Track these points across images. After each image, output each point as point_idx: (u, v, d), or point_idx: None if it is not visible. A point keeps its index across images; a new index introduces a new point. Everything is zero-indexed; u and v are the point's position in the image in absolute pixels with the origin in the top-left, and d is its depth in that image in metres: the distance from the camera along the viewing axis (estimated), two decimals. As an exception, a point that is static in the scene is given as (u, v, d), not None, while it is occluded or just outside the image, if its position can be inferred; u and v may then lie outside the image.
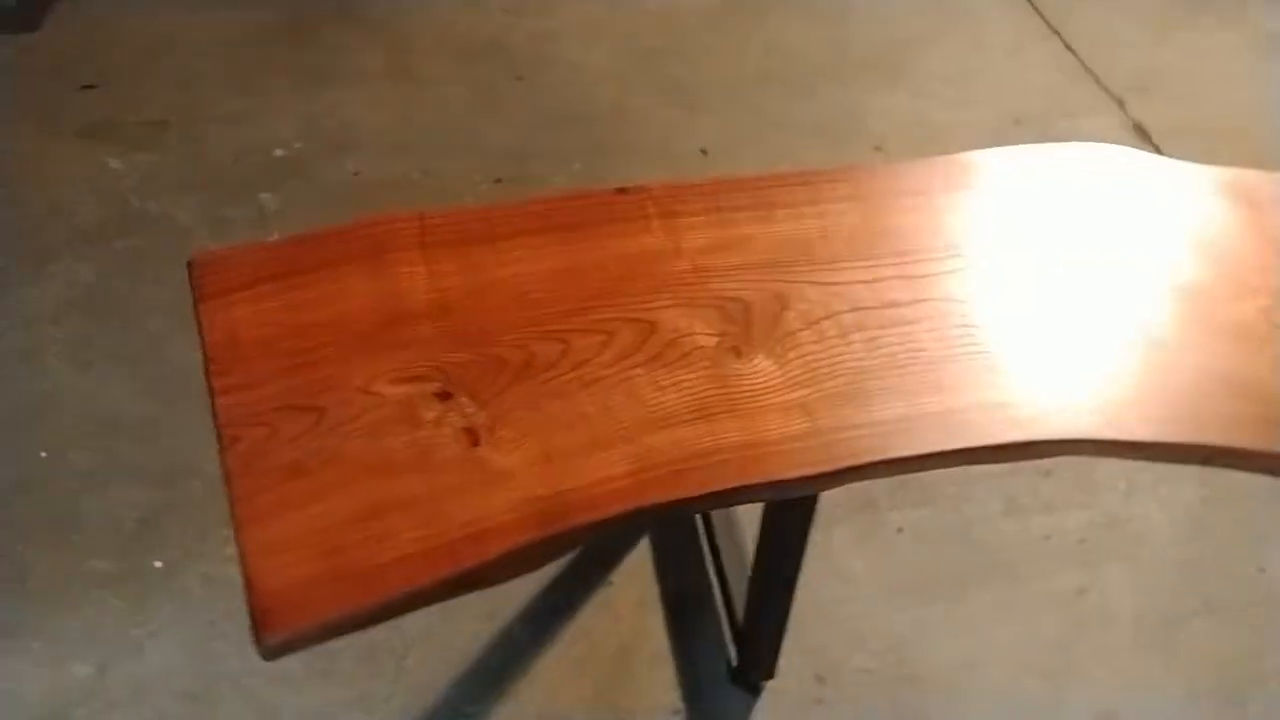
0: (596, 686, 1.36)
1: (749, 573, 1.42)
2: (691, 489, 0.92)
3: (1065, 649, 1.46)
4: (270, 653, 0.81)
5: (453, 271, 1.10)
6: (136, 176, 2.07)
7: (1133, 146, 1.33)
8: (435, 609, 0.88)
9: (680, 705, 1.35)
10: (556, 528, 0.89)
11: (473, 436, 0.95)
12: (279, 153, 2.13)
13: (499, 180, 2.10)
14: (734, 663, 1.38)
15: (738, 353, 1.04)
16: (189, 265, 1.09)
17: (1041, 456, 1.01)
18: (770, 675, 1.34)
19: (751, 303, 1.09)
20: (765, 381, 1.01)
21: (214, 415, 0.96)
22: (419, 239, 1.13)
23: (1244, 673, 1.44)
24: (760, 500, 0.97)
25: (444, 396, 0.98)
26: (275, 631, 0.81)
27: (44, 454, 1.60)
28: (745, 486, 0.93)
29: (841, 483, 0.96)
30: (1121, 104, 2.45)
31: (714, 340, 1.05)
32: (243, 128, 2.18)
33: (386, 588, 0.84)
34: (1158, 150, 2.32)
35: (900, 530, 1.58)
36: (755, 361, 1.03)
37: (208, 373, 0.99)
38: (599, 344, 1.04)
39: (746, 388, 1.01)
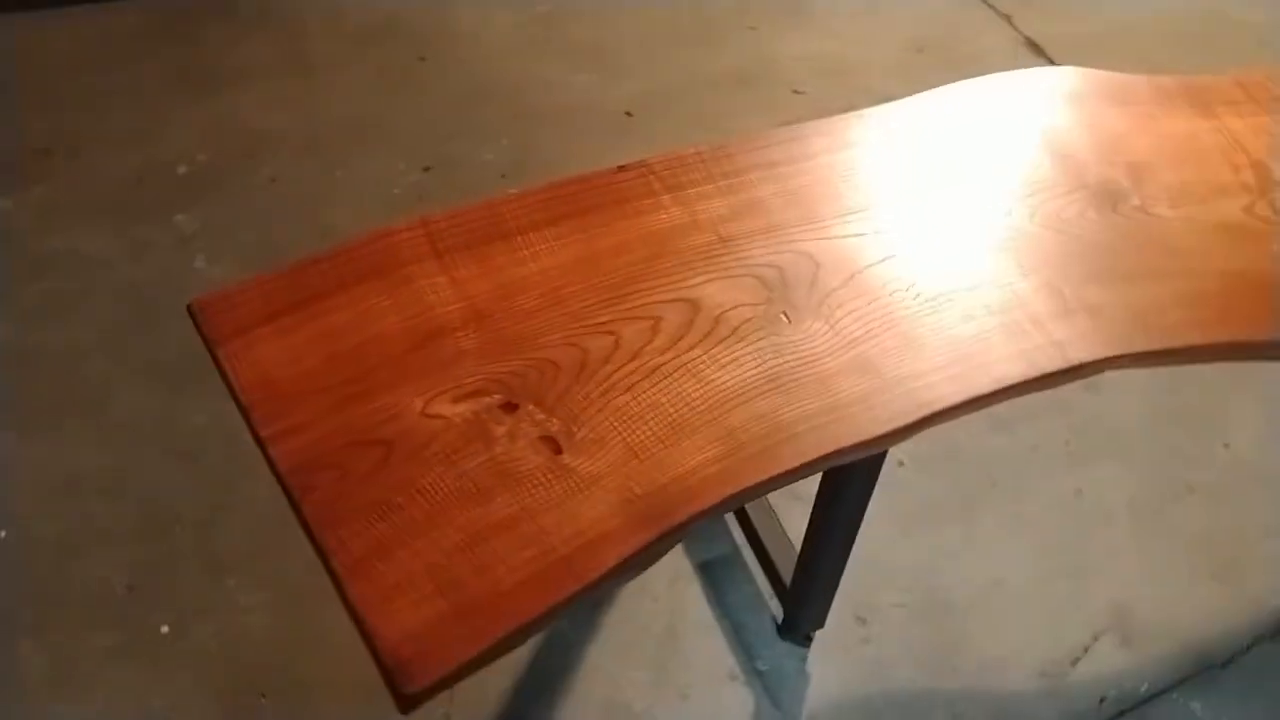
0: (652, 667, 1.36)
1: (782, 530, 1.44)
2: (786, 462, 0.92)
3: (1075, 550, 1.53)
4: (410, 705, 0.77)
5: (475, 276, 1.05)
6: (30, 214, 1.90)
7: (1029, 60, 1.36)
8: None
9: (737, 669, 1.36)
10: (665, 525, 0.87)
11: (553, 445, 0.91)
12: (183, 169, 1.99)
13: (427, 168, 2.02)
14: (779, 619, 1.40)
15: (787, 319, 1.03)
16: (191, 310, 1.01)
17: (1089, 376, 1.05)
18: (821, 625, 1.36)
19: (784, 266, 1.08)
20: (823, 344, 1.01)
21: (271, 465, 0.90)
22: (430, 247, 1.07)
23: (1234, 546, 1.55)
24: (845, 462, 0.97)
25: (510, 408, 0.94)
26: (416, 681, 0.76)
27: (3, 533, 1.47)
28: (836, 451, 0.93)
29: (921, 429, 0.97)
30: (1010, 20, 2.53)
31: (760, 310, 1.04)
32: (136, 145, 2.03)
33: (516, 614, 0.81)
34: (1051, 62, 2.41)
35: (901, 464, 1.62)
36: (806, 325, 1.03)
37: (250, 421, 0.92)
38: (648, 330, 1.01)
39: (805, 352, 1.00)
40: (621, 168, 1.18)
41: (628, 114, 2.17)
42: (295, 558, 1.33)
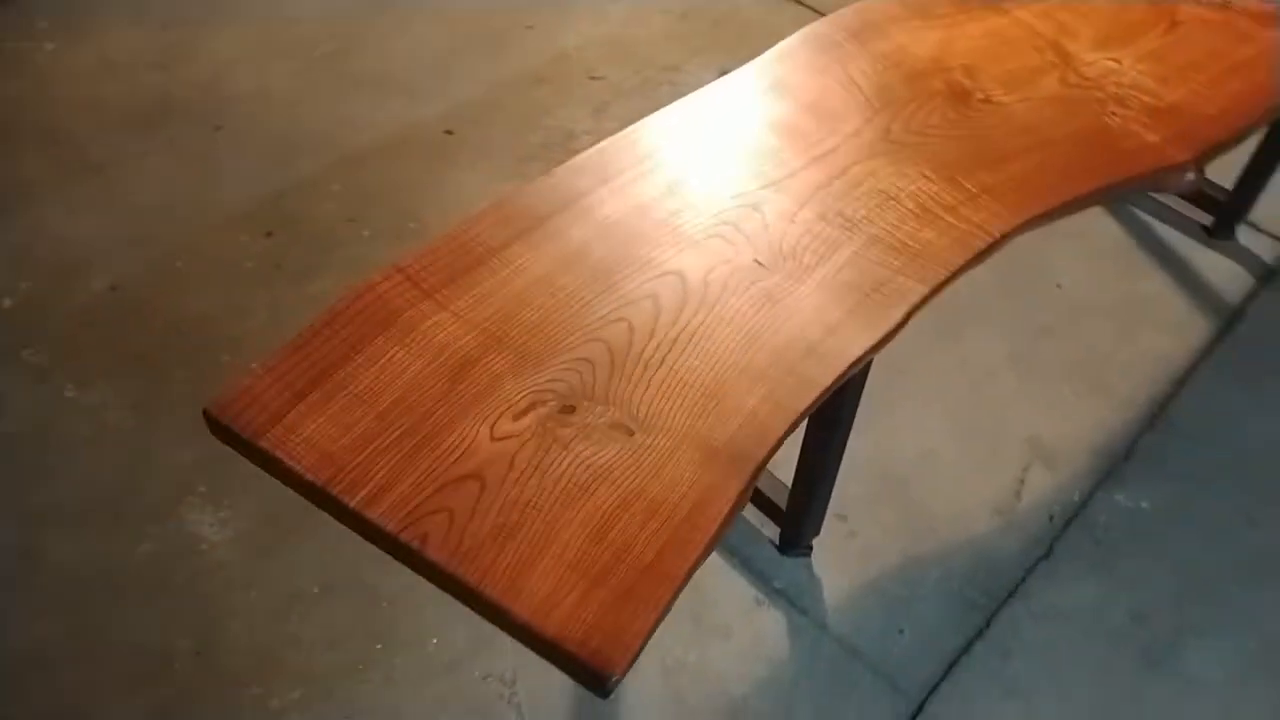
0: (688, 620, 1.44)
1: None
2: (823, 381, 1.03)
3: (979, 407, 1.75)
4: (613, 686, 0.83)
5: (472, 305, 1.09)
6: None
7: (791, 11, 1.55)
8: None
9: (760, 595, 1.48)
10: (754, 463, 0.97)
11: (624, 429, 0.99)
12: (8, 303, 1.83)
13: (269, 233, 1.97)
14: (776, 541, 1.53)
15: (760, 264, 1.15)
16: (210, 415, 1.00)
17: (1003, 246, 1.23)
18: (819, 533, 1.51)
19: (739, 221, 1.20)
20: (798, 275, 1.14)
21: (372, 531, 0.92)
22: (416, 289, 1.10)
23: (1095, 366, 1.82)
24: (859, 369, 1.09)
25: (568, 410, 1.00)
26: (616, 664, 0.83)
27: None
28: (857, 359, 1.06)
29: (907, 323, 1.11)
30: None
31: (735, 263, 1.14)
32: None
33: (669, 578, 0.88)
34: (809, 9, 2.64)
35: (816, 378, 1.78)
36: (777, 265, 1.15)
37: (332, 496, 0.93)
38: (651, 309, 1.10)
39: (789, 286, 1.12)
40: (563, 164, 1.25)
41: (448, 132, 2.19)
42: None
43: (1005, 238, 1.21)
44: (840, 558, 1.53)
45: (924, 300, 1.13)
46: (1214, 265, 1.98)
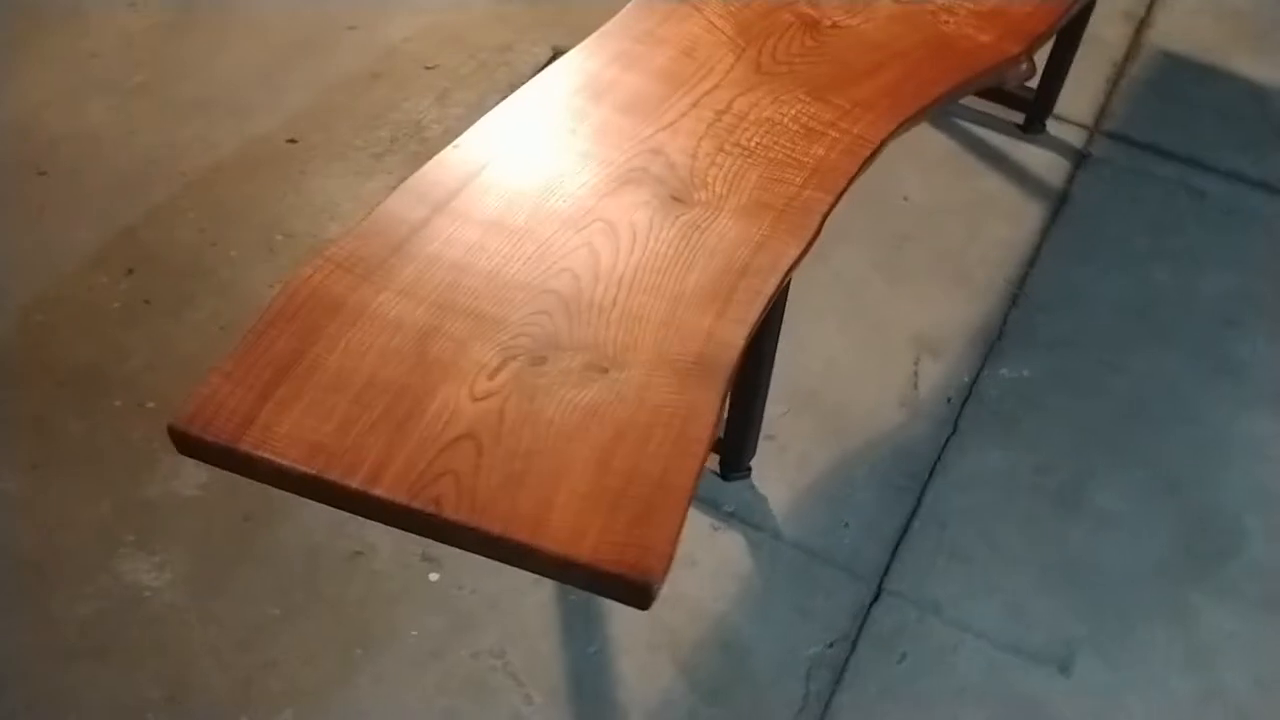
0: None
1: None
2: (769, 288, 1.11)
3: (862, 313, 1.87)
4: (655, 594, 0.88)
5: (414, 279, 1.10)
6: None
7: None
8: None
9: (715, 521, 1.54)
10: (724, 373, 1.03)
11: (597, 368, 1.03)
12: None
13: (130, 270, 1.87)
14: (717, 468, 1.60)
15: (679, 200, 1.21)
16: (176, 431, 0.97)
17: (882, 152, 1.34)
18: (755, 453, 1.59)
19: (648, 166, 1.25)
20: (719, 201, 1.20)
21: (382, 509, 0.93)
22: (353, 275, 1.10)
23: (953, 260, 1.98)
24: (798, 265, 1.17)
25: (541, 360, 1.03)
26: (655, 572, 0.87)
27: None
28: (792, 264, 1.14)
29: (817, 237, 1.20)
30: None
31: (658, 202, 1.20)
32: None
33: (679, 488, 0.93)
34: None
35: (713, 316, 1.87)
36: (695, 195, 1.21)
37: (331, 486, 0.93)
38: (590, 257, 1.14)
39: (713, 211, 1.19)
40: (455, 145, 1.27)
41: (291, 141, 2.14)
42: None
43: (884, 143, 1.32)
44: (777, 472, 1.62)
45: (831, 207, 1.23)
46: (1034, 157, 2.19)
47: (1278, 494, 1.63)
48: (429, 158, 1.24)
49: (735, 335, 1.07)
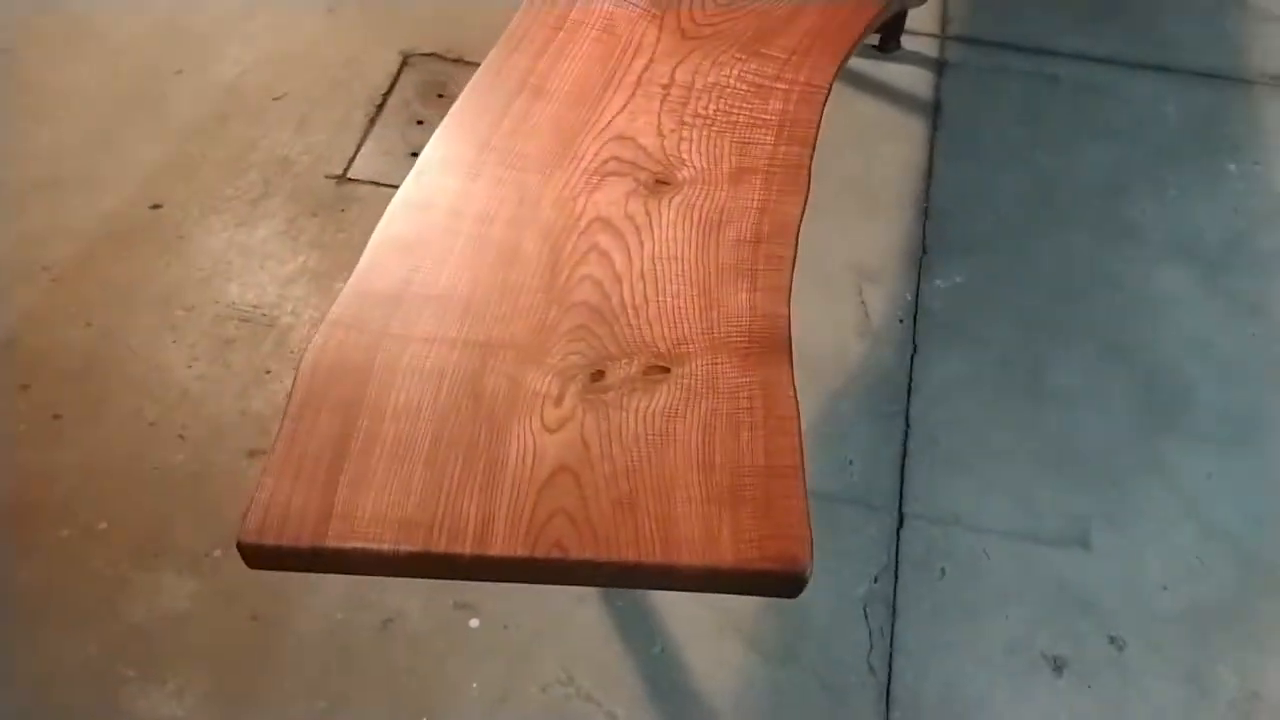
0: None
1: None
2: (788, 250, 1.10)
3: (800, 255, 1.91)
4: (808, 579, 0.87)
5: (435, 325, 1.04)
6: None
7: None
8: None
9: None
10: (784, 343, 1.03)
11: (658, 370, 1.00)
12: None
13: (25, 386, 1.66)
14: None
15: (661, 182, 1.18)
16: (249, 549, 0.89)
17: (829, 95, 1.35)
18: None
19: (622, 155, 1.22)
20: (701, 172, 1.18)
21: (503, 566, 0.87)
22: (368, 334, 1.03)
23: (859, 190, 2.03)
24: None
25: (600, 375, 1.00)
26: (802, 559, 0.87)
27: None
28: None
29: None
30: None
31: (642, 185, 1.17)
32: None
33: (788, 471, 0.92)
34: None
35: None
36: (679, 174, 1.19)
37: (440, 559, 0.87)
38: (602, 257, 1.10)
39: (700, 183, 1.17)
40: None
41: (156, 206, 1.96)
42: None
43: (830, 85, 1.34)
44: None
45: (811, 156, 1.23)
46: (900, 74, 2.26)
47: (1206, 337, 1.77)
48: (308, 191, 1.16)
49: (778, 304, 1.06)
